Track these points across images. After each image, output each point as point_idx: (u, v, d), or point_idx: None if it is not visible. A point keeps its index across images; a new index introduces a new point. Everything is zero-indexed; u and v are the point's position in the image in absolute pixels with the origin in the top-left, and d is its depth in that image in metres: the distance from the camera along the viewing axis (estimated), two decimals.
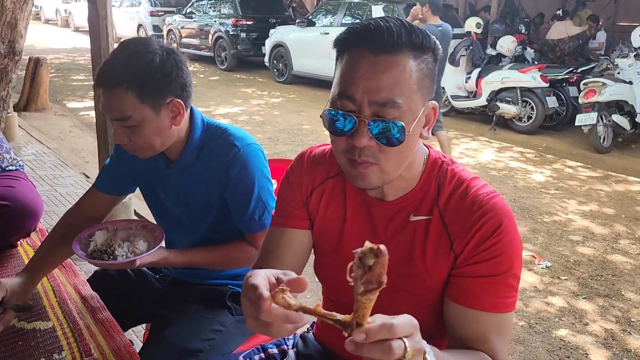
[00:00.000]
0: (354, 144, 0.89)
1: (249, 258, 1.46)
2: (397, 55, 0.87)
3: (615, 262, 3.59)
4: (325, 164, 1.11)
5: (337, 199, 1.08)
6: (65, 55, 13.18)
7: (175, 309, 1.49)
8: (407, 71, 0.87)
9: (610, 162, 6.08)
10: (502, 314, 0.93)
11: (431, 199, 1.00)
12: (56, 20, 21.38)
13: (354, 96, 0.87)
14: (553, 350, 2.60)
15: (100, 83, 1.29)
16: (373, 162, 0.91)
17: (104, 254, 1.32)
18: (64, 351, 1.17)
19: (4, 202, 1.68)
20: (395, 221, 1.02)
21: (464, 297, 0.94)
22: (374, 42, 0.87)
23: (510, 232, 0.94)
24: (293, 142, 6.25)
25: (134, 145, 1.35)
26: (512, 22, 10.44)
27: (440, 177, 1.01)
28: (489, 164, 5.82)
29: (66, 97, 8.35)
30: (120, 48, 1.35)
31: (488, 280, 0.93)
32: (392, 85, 0.86)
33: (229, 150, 1.42)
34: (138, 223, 1.46)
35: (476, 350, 0.92)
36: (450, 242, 0.96)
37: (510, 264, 0.93)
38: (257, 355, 1.25)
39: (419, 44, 0.89)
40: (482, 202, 0.95)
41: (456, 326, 0.95)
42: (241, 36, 11.57)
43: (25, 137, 5.62)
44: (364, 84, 0.87)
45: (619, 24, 12.10)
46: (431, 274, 0.98)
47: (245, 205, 1.44)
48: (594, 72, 7.12)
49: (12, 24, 2.77)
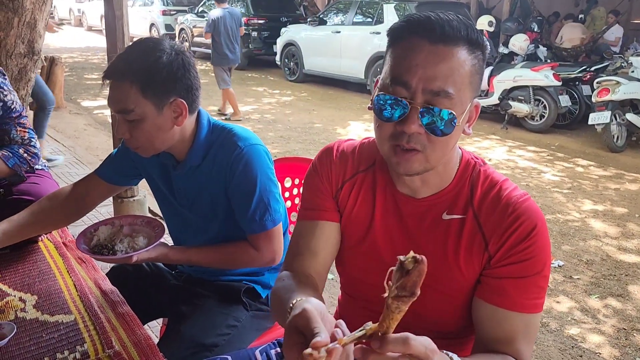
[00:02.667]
0: (404, 130, 0.90)
1: (250, 259, 1.49)
2: (454, 47, 0.89)
3: (628, 262, 3.57)
4: (355, 158, 1.12)
5: (367, 193, 1.09)
6: (79, 54, 13.32)
7: (191, 304, 1.51)
8: (462, 64, 0.89)
9: (623, 161, 6.03)
10: (530, 315, 0.95)
11: (465, 198, 1.01)
12: (70, 20, 21.59)
13: (409, 83, 0.89)
14: (565, 349, 2.60)
15: (108, 75, 1.33)
16: (420, 150, 0.92)
17: (104, 248, 1.36)
18: (86, 343, 1.20)
19: (28, 197, 1.74)
20: (428, 219, 1.03)
21: (496, 296, 0.95)
22: (434, 32, 0.88)
23: (543, 234, 0.96)
24: (305, 141, 6.27)
25: (135, 142, 1.37)
26: (525, 21, 10.36)
27: (473, 177, 1.02)
28: (501, 163, 5.80)
29: (80, 96, 8.44)
30: (132, 45, 1.39)
31: (520, 282, 0.94)
32: (447, 75, 0.88)
33: (233, 150, 1.43)
34: (143, 219, 1.49)
35: (503, 354, 0.93)
36: (486, 242, 0.98)
37: (542, 266, 0.95)
38: (273, 350, 1.27)
39: (474, 39, 0.90)
40: (516, 204, 0.97)
41: (485, 326, 0.96)
42: (252, 35, 11.61)
43: None
44: (420, 71, 0.88)
45: (633, 21, 11.96)
46: (463, 273, 0.99)
47: (246, 205, 1.44)
48: (607, 70, 7.05)
49: (31, 24, 2.81)
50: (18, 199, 1.78)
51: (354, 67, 9.23)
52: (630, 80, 6.29)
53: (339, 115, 7.71)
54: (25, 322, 1.28)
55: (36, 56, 2.92)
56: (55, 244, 1.68)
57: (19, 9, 2.76)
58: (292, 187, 1.93)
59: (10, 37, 2.80)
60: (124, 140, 1.45)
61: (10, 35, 2.79)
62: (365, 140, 1.15)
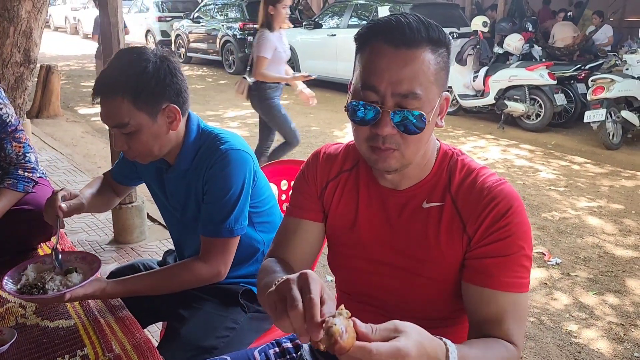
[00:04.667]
0: (378, 132, 0.95)
1: (194, 276, 1.43)
2: (416, 49, 0.93)
3: (625, 258, 3.59)
4: (340, 159, 1.17)
5: (351, 191, 1.13)
6: (75, 62, 13.33)
7: (190, 307, 1.52)
8: (426, 64, 0.93)
9: (619, 158, 6.06)
10: (516, 294, 0.97)
11: (443, 186, 1.05)
12: (65, 28, 21.62)
13: (378, 87, 0.94)
14: (564, 346, 2.62)
15: (98, 92, 1.34)
16: (395, 149, 0.97)
17: (33, 288, 1.27)
18: (86, 347, 1.21)
19: (27, 206, 1.74)
20: (409, 208, 1.07)
21: (480, 277, 0.98)
22: (396, 37, 0.93)
23: (520, 214, 0.99)
24: (302, 144, 6.24)
25: (133, 152, 1.40)
26: (520, 21, 10.41)
27: (451, 166, 1.06)
28: (498, 162, 5.82)
29: (77, 104, 8.46)
30: (115, 58, 1.40)
31: (501, 260, 0.97)
32: (413, 77, 0.92)
33: (215, 152, 1.43)
34: (77, 255, 1.44)
35: (495, 338, 0.95)
36: (464, 225, 1.01)
37: (521, 244, 0.98)
38: (272, 350, 1.29)
39: (436, 38, 0.95)
40: (491, 187, 1.01)
41: (474, 309, 0.99)
42: (248, 40, 11.63)
43: (39, 144, 5.70)
44: (387, 76, 0.93)
45: (627, 19, 12.01)
46: (446, 257, 1.03)
47: (210, 206, 1.42)
48: (602, 68, 7.08)
49: (27, 33, 2.84)
50: (18, 209, 1.79)
51: (350, 70, 8.99)
52: (625, 77, 6.32)
53: (336, 118, 7.72)
54: (26, 327, 1.29)
55: (32, 65, 2.94)
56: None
57: (15, 18, 2.79)
58: (288, 189, 1.95)
59: (6, 46, 2.82)
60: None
61: (6, 45, 2.81)
62: (352, 142, 1.18)
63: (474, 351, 0.85)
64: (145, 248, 3.42)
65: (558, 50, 8.53)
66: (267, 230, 1.61)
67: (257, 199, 1.54)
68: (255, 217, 1.56)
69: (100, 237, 3.56)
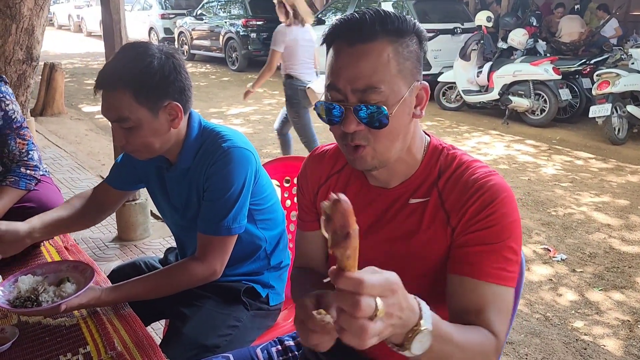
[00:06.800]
0: (344, 130, 0.95)
1: (194, 277, 1.41)
2: (371, 43, 0.92)
3: (631, 254, 3.56)
4: (327, 162, 1.18)
5: (340, 192, 1.11)
6: (79, 60, 13.35)
7: (192, 305, 1.51)
8: (384, 57, 0.92)
9: (625, 153, 6.02)
10: (499, 286, 0.94)
11: (431, 181, 1.04)
12: (69, 26, 21.65)
13: (338, 86, 0.94)
14: (569, 343, 2.60)
15: (99, 85, 1.32)
16: (365, 144, 0.96)
17: (27, 301, 1.25)
18: (88, 345, 1.21)
19: (30, 204, 1.75)
20: (395, 206, 1.06)
21: (461, 265, 0.96)
22: (352, 34, 0.93)
23: (507, 205, 0.96)
24: None
25: (131, 147, 1.38)
26: (523, 15, 10.34)
27: (441, 161, 1.05)
28: (502, 157, 5.79)
29: (81, 102, 8.47)
30: (120, 52, 1.38)
31: (483, 249, 0.95)
32: (370, 72, 0.92)
33: (216, 150, 1.41)
34: (69, 264, 1.42)
35: (475, 326, 0.92)
36: (447, 216, 1.00)
37: (506, 235, 0.95)
38: (274, 348, 1.28)
39: (394, 29, 0.94)
40: (477, 179, 0.99)
41: (454, 298, 0.96)
42: (251, 36, 11.63)
43: (43, 142, 5.72)
44: (344, 73, 0.93)
45: (632, 13, 11.93)
46: (431, 253, 1.01)
47: (214, 204, 1.41)
48: (607, 63, 7.02)
49: (29, 31, 2.83)
50: (20, 206, 1.79)
51: None
52: (631, 72, 6.27)
53: None
54: (28, 325, 1.29)
55: (35, 62, 2.94)
56: (57, 249, 1.69)
57: (17, 16, 2.78)
58: (291, 186, 1.94)
59: (9, 44, 2.82)
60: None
61: (8, 42, 2.81)
62: None
63: (446, 323, 0.82)
64: (149, 245, 3.42)
65: (564, 45, 8.47)
66: (269, 227, 1.60)
67: (259, 196, 1.53)
68: (257, 214, 1.54)
69: (104, 235, 3.57)
